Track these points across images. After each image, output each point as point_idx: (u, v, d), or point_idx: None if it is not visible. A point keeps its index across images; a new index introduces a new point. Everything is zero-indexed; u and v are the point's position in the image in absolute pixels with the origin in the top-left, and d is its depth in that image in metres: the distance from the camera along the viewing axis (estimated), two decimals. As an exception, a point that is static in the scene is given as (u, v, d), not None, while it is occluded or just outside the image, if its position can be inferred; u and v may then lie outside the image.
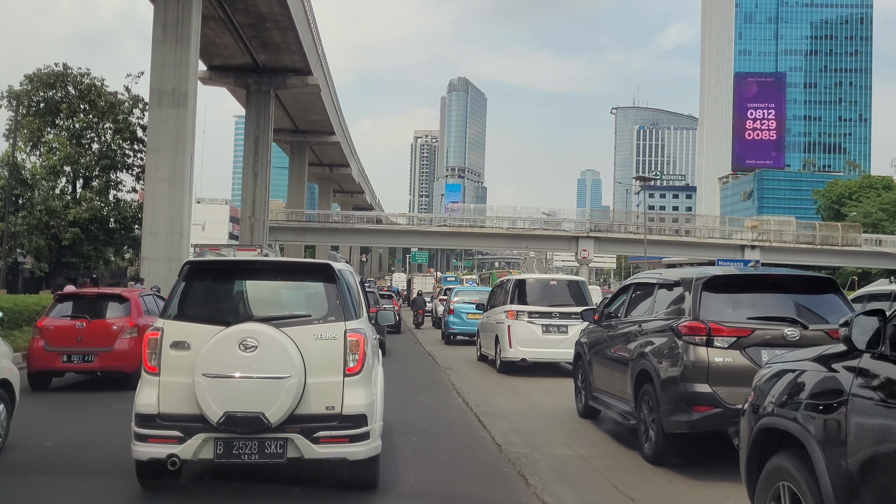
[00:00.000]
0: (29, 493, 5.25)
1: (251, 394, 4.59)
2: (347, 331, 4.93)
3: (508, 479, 5.83)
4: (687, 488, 5.65)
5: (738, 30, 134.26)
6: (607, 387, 7.65)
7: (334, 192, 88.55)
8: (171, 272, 25.54)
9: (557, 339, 12.71)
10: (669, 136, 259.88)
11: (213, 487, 5.36)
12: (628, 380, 6.83)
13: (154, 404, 4.74)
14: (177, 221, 26.00)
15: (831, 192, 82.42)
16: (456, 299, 20.88)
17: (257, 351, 4.63)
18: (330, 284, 5.14)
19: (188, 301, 5.09)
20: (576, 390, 9.05)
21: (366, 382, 4.99)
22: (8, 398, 6.48)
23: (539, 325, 12.91)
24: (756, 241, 52.95)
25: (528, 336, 12.82)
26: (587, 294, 13.79)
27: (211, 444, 4.64)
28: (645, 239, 46.67)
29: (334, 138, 62.69)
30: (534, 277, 14.80)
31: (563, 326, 12.78)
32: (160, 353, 4.82)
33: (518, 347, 12.83)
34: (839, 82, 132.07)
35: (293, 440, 4.68)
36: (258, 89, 43.47)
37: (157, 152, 26.05)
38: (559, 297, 13.46)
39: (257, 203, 43.91)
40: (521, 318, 12.95)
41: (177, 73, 26.00)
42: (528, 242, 54.67)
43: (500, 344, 13.26)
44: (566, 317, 12.75)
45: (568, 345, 11.05)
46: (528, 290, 13.53)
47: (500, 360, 13.35)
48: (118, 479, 5.32)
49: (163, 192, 25.85)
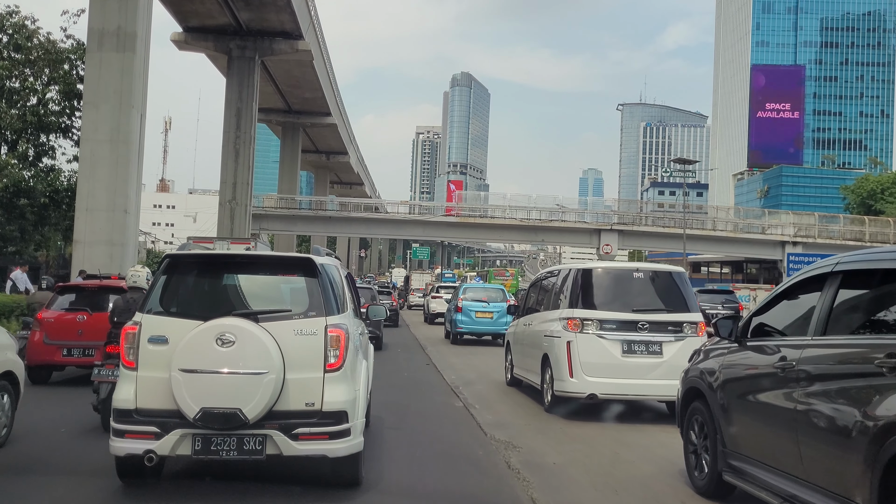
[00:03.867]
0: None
1: (228, 389, 4.56)
2: (328, 326, 4.88)
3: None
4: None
5: (756, 20, 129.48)
6: (772, 456, 4.40)
7: (331, 183, 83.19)
8: (113, 260, 20.10)
9: (647, 363, 8.48)
10: (676, 134, 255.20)
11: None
12: (855, 458, 3.46)
13: (132, 399, 4.71)
14: (120, 195, 20.51)
15: (861, 188, 77.93)
16: (464, 297, 19.56)
17: (235, 346, 4.59)
18: (312, 279, 5.06)
19: (167, 295, 5.01)
20: (687, 453, 5.72)
21: (347, 379, 4.95)
22: (12, 389, 6.54)
23: (617, 341, 8.50)
24: (798, 237, 47.48)
25: (599, 359, 8.47)
26: (689, 293, 9.07)
27: (189, 440, 4.62)
28: (685, 233, 41.09)
29: (330, 120, 57.17)
30: (605, 266, 9.66)
31: (654, 344, 8.52)
32: (138, 347, 4.79)
33: (584, 376, 8.44)
34: (860, 76, 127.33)
35: (272, 437, 4.66)
36: (241, 55, 37.93)
37: (95, 107, 20.53)
38: (647, 298, 8.97)
39: (239, 185, 38.38)
40: (588, 329, 8.54)
41: (123, 7, 20.51)
42: (544, 235, 49.04)
43: (554, 369, 8.84)
44: (660, 329, 8.57)
45: (664, 373, 8.12)
46: (597, 287, 9.01)
47: (551, 392, 8.94)
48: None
49: (102, 157, 20.36)
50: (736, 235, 47.81)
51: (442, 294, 28.64)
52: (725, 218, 50.68)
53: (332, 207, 50.63)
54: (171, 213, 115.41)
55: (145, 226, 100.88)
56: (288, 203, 48.23)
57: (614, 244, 46.72)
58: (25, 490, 5.11)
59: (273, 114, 56.43)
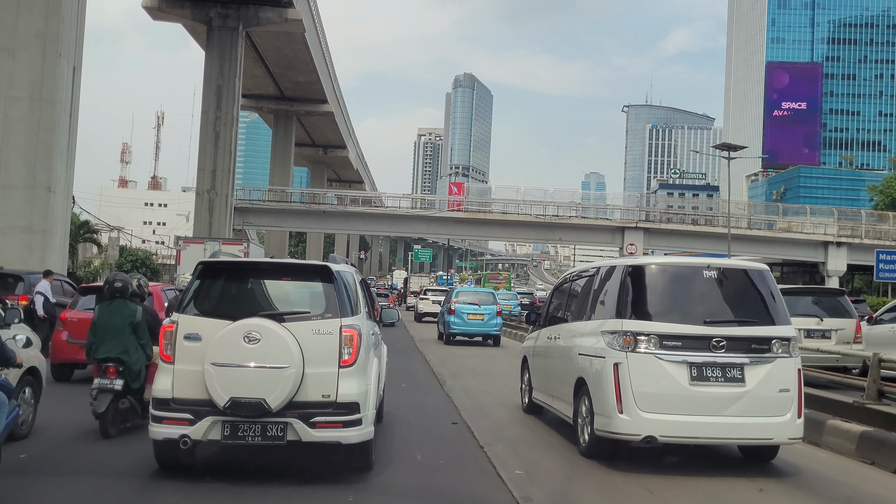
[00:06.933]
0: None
1: (254, 381, 5.06)
2: (343, 326, 5.36)
3: None
4: None
5: (772, 16, 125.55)
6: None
7: (329, 181, 78.86)
8: (32, 252, 15.56)
9: (724, 394, 6.22)
10: (683, 136, 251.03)
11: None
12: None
13: (169, 389, 5.19)
14: (42, 168, 15.98)
15: (891, 187, 74.03)
16: (457, 300, 20.41)
17: (260, 343, 5.10)
18: (328, 284, 5.57)
19: (200, 297, 5.52)
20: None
21: (359, 373, 5.41)
22: (36, 384, 6.89)
23: (684, 364, 6.25)
24: (842, 237, 42.83)
25: (660, 388, 6.24)
26: (777, 298, 6.69)
27: (219, 426, 5.09)
28: (729, 232, 36.39)
29: (327, 108, 52.71)
30: (662, 262, 7.20)
31: (734, 368, 6.26)
32: (175, 343, 5.27)
33: (639, 412, 6.19)
34: (879, 74, 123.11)
35: (292, 424, 5.12)
36: (223, 24, 33.43)
37: (10, 55, 16.03)
38: (722, 306, 6.76)
39: (219, 173, 33.80)
40: (642, 348, 6.30)
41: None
42: (561, 233, 44.19)
43: (595, 400, 6.59)
44: (741, 347, 6.31)
45: (746, 408, 6.13)
46: (654, 290, 6.72)
47: (591, 430, 6.65)
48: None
49: (19, 118, 15.88)
50: (775, 235, 43.22)
51: (429, 296, 32.32)
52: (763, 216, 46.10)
53: (328, 201, 45.87)
54: (163, 212, 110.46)
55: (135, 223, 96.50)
56: (278, 196, 43.47)
57: (639, 244, 42.10)
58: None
59: (264, 100, 52.00)
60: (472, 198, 46.29)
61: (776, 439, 6.32)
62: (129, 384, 6.85)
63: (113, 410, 6.73)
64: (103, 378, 6.86)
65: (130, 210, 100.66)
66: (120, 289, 7.05)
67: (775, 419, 6.19)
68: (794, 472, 6.47)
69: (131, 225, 79.73)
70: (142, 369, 6.95)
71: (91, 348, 6.93)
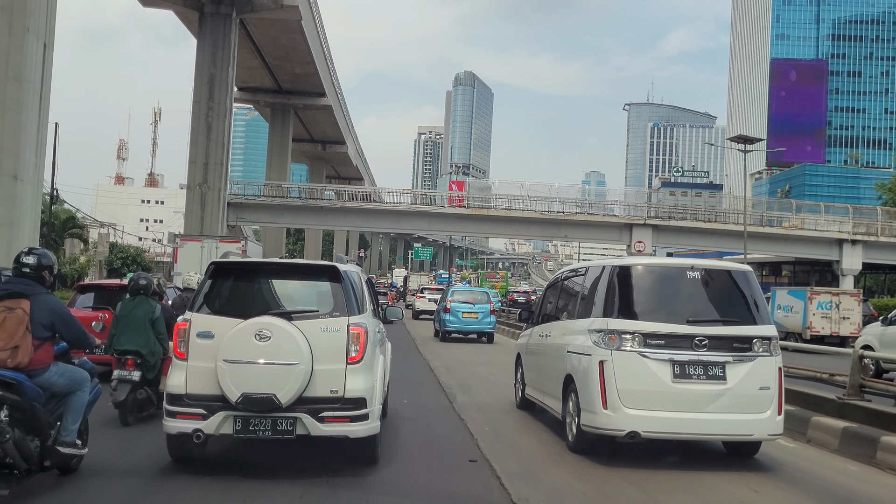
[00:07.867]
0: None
1: (265, 378, 5.21)
2: (350, 324, 5.54)
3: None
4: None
5: (776, 12, 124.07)
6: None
7: (328, 177, 77.33)
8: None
9: (705, 391, 6.41)
10: (684, 134, 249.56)
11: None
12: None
13: (182, 385, 5.36)
14: (7, 155, 14.61)
15: (900, 185, 72.56)
16: (452, 298, 21.04)
17: (271, 341, 5.25)
18: (336, 284, 5.75)
19: (212, 296, 5.70)
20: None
21: (366, 370, 5.59)
22: None
23: (667, 361, 6.43)
24: (858, 235, 41.43)
25: (643, 385, 6.41)
26: (759, 299, 6.88)
27: (230, 420, 5.28)
28: (745, 230, 34.88)
29: (325, 101, 51.27)
30: (648, 263, 7.35)
31: (715, 366, 6.45)
32: (188, 341, 5.44)
33: (623, 408, 6.38)
34: (885, 71, 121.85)
35: (301, 419, 5.29)
36: (216, 11, 32.02)
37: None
38: (705, 306, 6.95)
39: (211, 166, 32.38)
40: (627, 346, 6.50)
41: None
42: (566, 230, 42.70)
43: (581, 396, 6.74)
44: (723, 346, 6.53)
45: (728, 405, 6.39)
46: (640, 290, 6.90)
47: (577, 426, 6.81)
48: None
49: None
50: (788, 233, 41.80)
51: (426, 294, 33.86)
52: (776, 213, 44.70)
53: (327, 196, 44.41)
54: (160, 209, 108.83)
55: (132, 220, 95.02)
56: (274, 190, 42.02)
57: (648, 241, 40.73)
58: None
59: (260, 93, 50.58)
60: (473, 193, 44.83)
61: (756, 435, 6.50)
62: (146, 375, 7.36)
63: (131, 400, 7.23)
64: (122, 370, 7.36)
65: (127, 207, 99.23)
66: (144, 286, 7.71)
67: (756, 416, 6.37)
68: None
69: (128, 222, 78.31)
70: (158, 362, 7.47)
71: (112, 339, 7.45)
